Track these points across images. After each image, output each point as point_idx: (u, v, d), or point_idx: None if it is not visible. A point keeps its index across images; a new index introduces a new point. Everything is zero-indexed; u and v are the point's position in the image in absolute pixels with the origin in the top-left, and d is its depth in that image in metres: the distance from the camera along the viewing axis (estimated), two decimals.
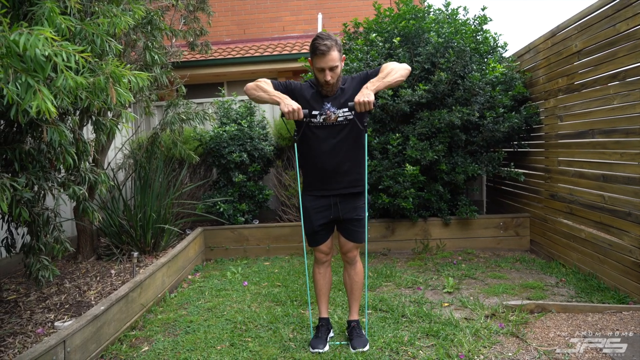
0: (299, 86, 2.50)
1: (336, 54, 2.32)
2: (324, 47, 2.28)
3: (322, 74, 2.35)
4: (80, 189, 2.57)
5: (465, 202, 4.67)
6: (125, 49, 3.84)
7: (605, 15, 3.31)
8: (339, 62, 2.35)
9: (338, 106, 2.42)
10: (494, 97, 4.40)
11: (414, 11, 4.58)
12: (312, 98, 2.44)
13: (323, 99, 2.44)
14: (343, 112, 2.42)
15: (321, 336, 2.60)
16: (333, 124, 2.43)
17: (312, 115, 2.43)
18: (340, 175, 2.48)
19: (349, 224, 2.55)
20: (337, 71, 2.36)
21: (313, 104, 2.43)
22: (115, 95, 1.94)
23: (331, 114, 2.42)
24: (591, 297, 3.17)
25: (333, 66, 2.32)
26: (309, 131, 2.47)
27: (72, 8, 2.12)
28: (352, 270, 2.65)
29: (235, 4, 8.49)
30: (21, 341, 2.42)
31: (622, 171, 3.16)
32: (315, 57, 2.33)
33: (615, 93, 3.22)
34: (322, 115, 2.42)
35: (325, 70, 2.33)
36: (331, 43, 2.29)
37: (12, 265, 3.73)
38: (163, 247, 4.23)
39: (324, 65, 2.31)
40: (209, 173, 5.63)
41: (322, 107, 2.43)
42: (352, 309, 2.68)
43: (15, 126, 2.46)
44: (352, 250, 2.61)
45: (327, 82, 2.36)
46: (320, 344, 2.54)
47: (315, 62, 2.34)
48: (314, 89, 2.47)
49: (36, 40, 1.45)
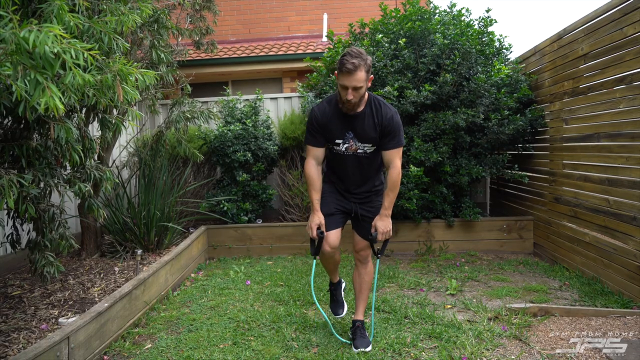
0: (323, 115, 2.46)
1: (363, 75, 2.24)
2: (351, 65, 2.21)
3: (345, 92, 2.29)
4: (86, 186, 2.58)
5: (469, 204, 4.66)
6: (132, 47, 3.86)
7: (612, 18, 3.30)
8: (364, 82, 2.27)
9: (360, 139, 2.44)
10: (499, 99, 4.39)
11: (420, 12, 4.57)
12: (337, 126, 2.45)
13: (346, 129, 2.44)
14: (364, 146, 2.46)
15: (337, 299, 2.82)
16: (354, 153, 2.48)
17: (336, 143, 2.48)
18: (358, 189, 2.59)
19: (364, 222, 2.57)
20: (361, 92, 2.31)
21: (337, 133, 2.45)
22: (122, 93, 1.95)
23: (353, 143, 2.45)
24: (595, 301, 3.16)
25: (357, 87, 2.26)
26: (332, 153, 2.57)
27: (80, 6, 2.13)
28: (363, 269, 2.66)
29: (241, 4, 8.51)
30: (25, 337, 2.43)
31: (628, 175, 3.15)
32: (341, 74, 2.27)
33: (621, 97, 3.21)
34: (345, 144, 2.47)
35: (349, 89, 2.27)
36: (359, 62, 2.22)
37: (17, 261, 3.75)
38: (166, 245, 4.24)
39: (348, 84, 2.26)
40: (213, 172, 5.65)
41: (346, 136, 2.45)
42: (358, 309, 2.69)
43: (22, 123, 2.47)
44: (365, 248, 2.63)
45: (349, 101, 2.31)
46: (339, 307, 2.82)
47: (340, 79, 2.29)
48: (338, 111, 2.43)
49: (45, 37, 1.45)
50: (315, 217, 2.47)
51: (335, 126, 2.44)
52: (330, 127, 2.45)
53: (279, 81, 7.66)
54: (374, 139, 2.44)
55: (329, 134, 2.47)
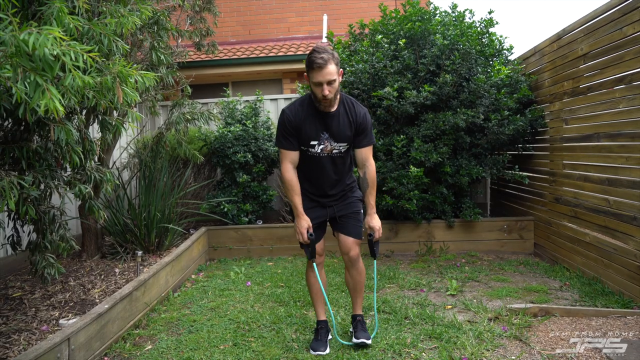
0: (296, 117, 2.41)
1: (333, 68, 2.25)
2: (321, 60, 2.21)
3: (320, 89, 2.27)
4: (86, 187, 2.59)
5: (469, 205, 4.66)
6: (132, 48, 3.86)
7: (611, 18, 3.30)
8: (336, 75, 2.27)
9: (335, 138, 2.42)
10: (499, 100, 4.39)
11: (420, 13, 4.57)
12: (311, 127, 2.40)
13: (321, 129, 2.40)
14: (339, 146, 2.44)
15: (321, 339, 2.56)
16: (329, 154, 2.45)
17: (311, 145, 2.43)
18: (333, 189, 2.55)
19: (345, 218, 2.54)
20: (335, 85, 2.29)
21: (312, 135, 2.40)
22: (122, 94, 1.95)
23: (328, 144, 2.42)
24: (595, 301, 3.16)
25: (331, 80, 2.25)
26: (305, 156, 2.49)
27: (80, 8, 2.13)
28: (355, 270, 2.59)
29: (240, 5, 8.52)
30: (26, 338, 2.44)
31: (628, 175, 3.15)
32: (312, 72, 2.25)
33: (621, 97, 3.21)
34: (321, 146, 2.43)
35: (323, 84, 2.25)
36: (328, 56, 2.23)
37: (18, 263, 3.75)
38: (167, 246, 4.25)
39: (322, 80, 2.24)
40: (213, 173, 5.65)
41: (321, 137, 2.42)
42: (356, 305, 2.68)
43: (22, 125, 2.48)
44: (354, 247, 2.53)
45: (325, 97, 2.28)
46: (322, 346, 2.51)
47: (312, 77, 2.27)
48: (312, 112, 2.40)
49: (45, 39, 1.46)
50: (302, 220, 2.43)
51: (310, 127, 2.40)
52: (304, 129, 2.40)
53: (279, 82, 7.67)
54: (349, 138, 2.44)
55: (304, 135, 2.41)
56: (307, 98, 2.44)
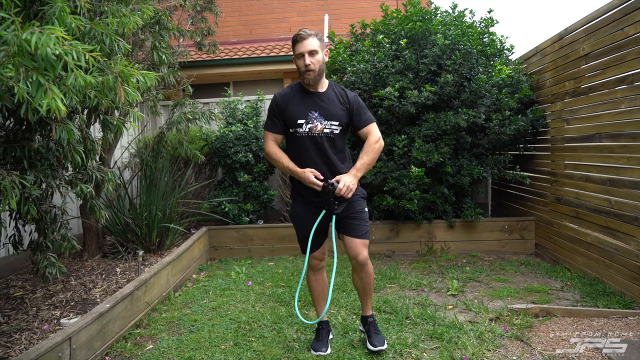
0: (284, 98, 2.42)
1: (315, 41, 2.31)
2: (303, 33, 2.31)
3: (302, 60, 2.31)
4: (88, 187, 2.59)
5: (470, 205, 4.66)
6: (134, 48, 3.87)
7: (613, 18, 3.29)
8: (318, 48, 2.32)
9: (326, 116, 2.36)
10: (500, 100, 4.39)
11: (421, 13, 4.57)
12: (298, 106, 2.38)
13: (310, 109, 2.37)
14: (330, 124, 2.37)
15: (322, 339, 2.55)
16: (319, 134, 2.37)
17: (298, 124, 2.37)
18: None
19: (348, 218, 2.42)
20: (318, 57, 2.32)
21: (298, 113, 2.36)
22: (123, 94, 1.95)
23: (318, 123, 2.36)
24: (596, 301, 3.16)
25: (312, 50, 2.30)
26: (294, 141, 2.42)
27: (81, 7, 2.13)
28: (364, 273, 2.47)
29: (242, 5, 8.52)
30: (27, 337, 2.44)
31: (629, 175, 3.14)
32: (295, 46, 2.33)
33: (622, 97, 3.21)
34: (308, 125, 2.36)
35: (305, 54, 2.30)
36: (310, 32, 2.31)
37: (19, 262, 3.76)
38: (168, 246, 4.25)
39: (303, 50, 2.30)
40: (215, 173, 5.65)
41: (309, 115, 2.36)
42: (366, 306, 2.60)
43: (24, 124, 2.48)
44: (362, 250, 2.41)
45: (308, 68, 2.29)
46: (323, 346, 2.51)
47: (295, 50, 2.33)
48: (301, 94, 2.41)
49: (47, 39, 1.46)
50: (307, 172, 2.33)
51: (296, 106, 2.38)
52: (290, 109, 2.38)
53: (280, 82, 7.67)
54: (341, 117, 2.39)
55: (290, 115, 2.37)
56: (298, 82, 2.48)
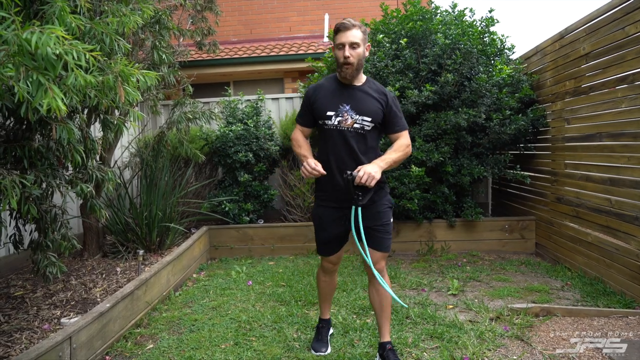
0: (316, 90, 2.31)
1: (359, 33, 2.16)
2: (347, 21, 2.17)
3: (342, 51, 2.16)
4: (88, 186, 2.59)
5: (471, 204, 4.66)
6: (134, 48, 3.86)
7: (614, 18, 3.29)
8: (360, 41, 2.16)
9: (358, 110, 2.21)
10: (500, 99, 4.39)
11: (421, 12, 4.57)
12: (329, 98, 2.25)
13: (341, 101, 2.22)
14: (362, 120, 2.20)
15: (322, 338, 2.55)
16: (349, 129, 2.21)
17: (327, 116, 2.23)
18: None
19: (372, 230, 2.26)
20: (359, 51, 2.17)
21: (329, 105, 2.23)
22: (124, 94, 1.95)
23: (348, 117, 2.20)
24: (597, 301, 3.16)
25: (354, 42, 2.14)
26: (323, 133, 2.29)
27: (82, 7, 2.13)
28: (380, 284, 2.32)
29: (242, 4, 8.52)
30: (28, 337, 2.44)
31: (630, 175, 3.14)
32: (336, 35, 2.19)
33: (623, 96, 3.20)
34: (338, 117, 2.22)
35: (345, 45, 2.15)
36: (355, 23, 2.17)
37: (20, 262, 3.76)
38: (168, 245, 4.25)
39: (344, 40, 2.15)
40: (215, 172, 5.65)
41: (339, 108, 2.22)
42: (384, 330, 2.37)
43: (24, 124, 2.48)
44: (379, 261, 2.29)
45: (347, 60, 2.15)
46: (323, 346, 2.51)
47: (336, 40, 2.19)
48: (335, 85, 2.28)
49: (48, 38, 1.46)
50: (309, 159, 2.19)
51: (328, 97, 2.25)
52: (321, 100, 2.26)
53: (280, 81, 7.67)
54: (375, 113, 2.22)
55: (319, 106, 2.26)
56: (334, 75, 2.36)
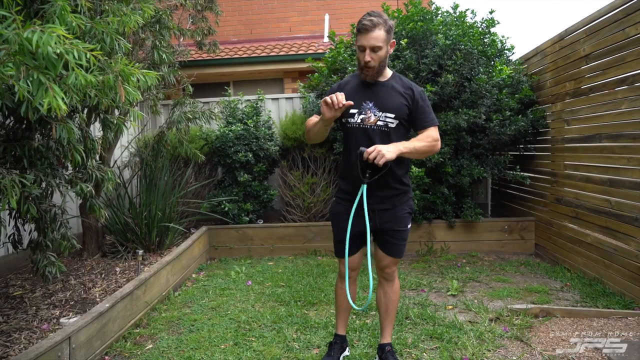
0: (340, 86, 2.22)
1: (382, 34, 2.00)
2: (369, 22, 2.00)
3: (363, 54, 2.04)
4: (87, 186, 2.58)
5: (470, 205, 4.66)
6: (134, 47, 3.86)
7: (614, 19, 3.29)
8: (383, 43, 2.02)
9: (381, 107, 2.10)
10: (500, 100, 4.39)
11: (422, 13, 4.57)
12: (353, 94, 2.13)
13: (365, 98, 2.13)
14: (385, 117, 2.11)
15: (333, 355, 2.35)
16: (372, 127, 2.11)
17: (350, 114, 2.13)
18: (375, 189, 2.13)
19: (388, 235, 2.20)
20: (381, 54, 2.04)
21: (351, 101, 2.07)
22: (124, 93, 1.95)
23: (371, 114, 2.10)
24: (596, 302, 3.16)
25: (375, 46, 2.01)
26: (346, 132, 2.18)
27: (82, 6, 2.13)
28: (389, 287, 2.31)
29: (242, 4, 8.52)
30: (27, 337, 2.43)
31: (629, 176, 3.15)
32: (358, 34, 2.04)
33: (623, 97, 3.21)
34: (361, 115, 2.12)
35: (366, 49, 2.02)
36: (378, 20, 2.00)
37: (19, 262, 3.75)
38: (168, 245, 4.24)
39: (365, 44, 2.01)
40: (214, 172, 5.65)
41: (362, 105, 2.12)
42: (385, 331, 2.35)
43: (24, 123, 2.48)
44: (391, 265, 2.26)
45: (367, 64, 2.05)
46: None
47: (357, 39, 2.05)
48: (359, 81, 2.18)
49: (48, 38, 1.45)
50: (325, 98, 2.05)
51: (351, 95, 2.12)
52: (344, 94, 2.08)
53: (280, 82, 7.67)
54: (399, 110, 2.11)
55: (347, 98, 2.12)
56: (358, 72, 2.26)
